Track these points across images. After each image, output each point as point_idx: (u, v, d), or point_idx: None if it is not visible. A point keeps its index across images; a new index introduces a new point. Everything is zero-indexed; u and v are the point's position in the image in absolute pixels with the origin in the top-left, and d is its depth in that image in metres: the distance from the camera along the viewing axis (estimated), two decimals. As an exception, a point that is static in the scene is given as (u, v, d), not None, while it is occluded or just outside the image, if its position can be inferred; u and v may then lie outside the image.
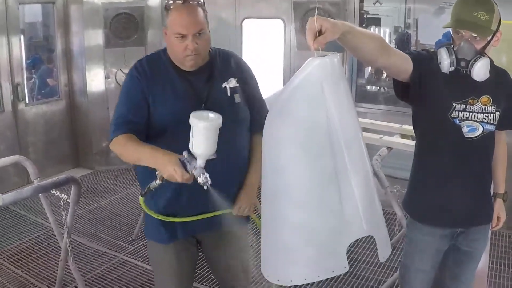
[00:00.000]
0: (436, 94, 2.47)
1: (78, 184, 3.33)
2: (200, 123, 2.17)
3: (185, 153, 2.22)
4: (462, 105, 2.46)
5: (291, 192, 1.81)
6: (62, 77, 6.77)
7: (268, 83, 5.78)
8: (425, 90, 2.44)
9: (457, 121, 2.46)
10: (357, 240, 1.92)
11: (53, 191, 3.32)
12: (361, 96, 5.88)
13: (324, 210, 1.80)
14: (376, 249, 1.99)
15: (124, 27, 6.57)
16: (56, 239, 3.96)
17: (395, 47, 4.32)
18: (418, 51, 2.56)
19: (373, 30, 5.83)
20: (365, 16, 5.85)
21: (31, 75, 6.93)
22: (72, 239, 4.68)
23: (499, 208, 2.76)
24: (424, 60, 2.46)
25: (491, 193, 2.77)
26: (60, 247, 3.80)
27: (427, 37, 5.22)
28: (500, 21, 2.42)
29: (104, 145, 6.72)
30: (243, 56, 6.35)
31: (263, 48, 6.30)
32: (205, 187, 2.20)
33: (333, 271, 1.88)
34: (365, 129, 4.36)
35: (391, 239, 4.89)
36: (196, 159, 2.21)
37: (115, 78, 6.64)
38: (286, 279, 1.94)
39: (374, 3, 5.92)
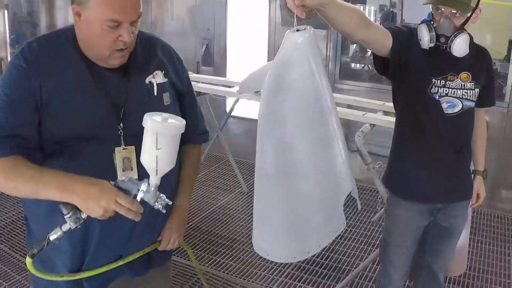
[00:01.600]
0: (416, 69, 2.49)
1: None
2: (166, 127, 1.64)
3: (122, 177, 1.72)
4: (441, 81, 2.50)
5: (297, 166, 1.84)
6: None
7: (253, 59, 5.82)
8: (404, 65, 2.47)
9: (437, 97, 2.49)
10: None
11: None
12: (345, 74, 5.91)
13: (323, 176, 1.87)
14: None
15: (109, 3, 6.49)
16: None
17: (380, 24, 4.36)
18: (399, 27, 2.58)
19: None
20: (350, -7, 5.88)
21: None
22: None
23: (478, 185, 2.81)
24: (404, 36, 2.48)
25: (471, 170, 2.81)
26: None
27: (412, 16, 5.25)
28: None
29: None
30: (227, 33, 6.38)
31: (248, 25, 6.31)
32: (164, 211, 1.72)
33: (336, 231, 1.94)
34: (348, 106, 4.42)
35: (364, 215, 5.05)
36: (147, 178, 1.67)
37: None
38: (302, 253, 1.97)
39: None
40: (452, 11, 2.43)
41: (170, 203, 1.72)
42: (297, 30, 1.81)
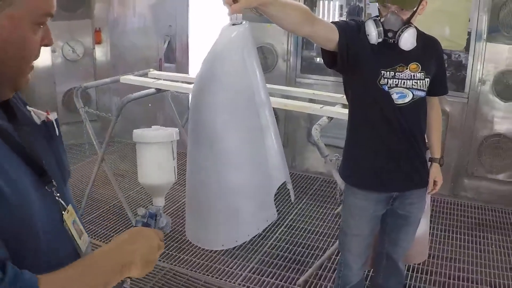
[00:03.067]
0: (364, 62, 2.53)
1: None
2: (176, 134, 1.61)
3: (141, 211, 1.52)
4: (390, 72, 2.53)
5: (228, 157, 1.87)
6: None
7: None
8: (353, 59, 2.50)
9: (386, 88, 2.53)
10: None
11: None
12: (309, 68, 5.94)
13: (255, 167, 1.90)
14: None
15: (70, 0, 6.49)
16: None
17: (346, 19, 4.38)
18: (346, 21, 2.62)
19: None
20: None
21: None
22: None
23: (435, 172, 2.83)
24: (351, 30, 2.52)
25: (427, 158, 2.84)
26: None
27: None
28: None
29: (52, 119, 6.63)
30: (189, 29, 6.35)
31: (210, 21, 6.30)
32: (168, 231, 1.59)
33: (267, 221, 1.97)
34: (309, 100, 4.47)
35: (322, 206, 5.12)
36: (151, 206, 1.58)
37: (62, 52, 6.58)
38: (231, 242, 2.01)
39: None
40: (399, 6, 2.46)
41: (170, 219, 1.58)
42: (233, 25, 1.84)
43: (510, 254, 4.36)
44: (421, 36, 2.59)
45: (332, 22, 2.52)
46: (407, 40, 2.49)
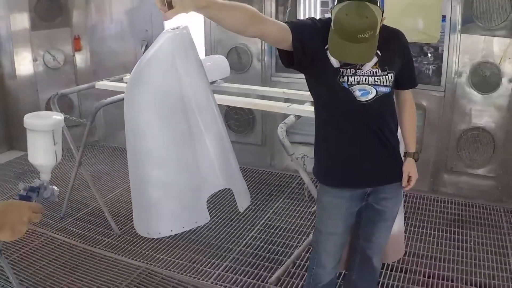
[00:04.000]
0: (322, 61, 2.47)
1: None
2: (59, 122, 1.83)
3: (21, 185, 1.78)
4: (351, 70, 2.48)
5: (150, 153, 1.96)
6: (-11, 61, 6.72)
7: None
8: (309, 58, 2.45)
9: (346, 85, 2.48)
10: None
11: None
12: (283, 67, 5.96)
13: (182, 168, 1.98)
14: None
15: (48, 9, 6.58)
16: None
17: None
18: (302, 20, 2.59)
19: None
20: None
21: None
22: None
23: (409, 167, 2.78)
24: (307, 29, 2.47)
25: (400, 153, 2.79)
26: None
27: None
28: (382, 12, 2.34)
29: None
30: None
31: (185, 23, 6.38)
32: (56, 199, 1.91)
33: (196, 222, 2.06)
34: (286, 100, 4.46)
35: (299, 205, 5.15)
36: (37, 179, 1.82)
37: (43, 61, 6.68)
38: (155, 232, 2.12)
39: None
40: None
41: (57, 189, 1.88)
42: (175, 29, 1.91)
43: (490, 251, 4.29)
44: (383, 30, 2.45)
45: (285, 22, 2.47)
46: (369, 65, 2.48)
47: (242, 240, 4.51)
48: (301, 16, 5.91)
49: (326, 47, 2.42)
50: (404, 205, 4.34)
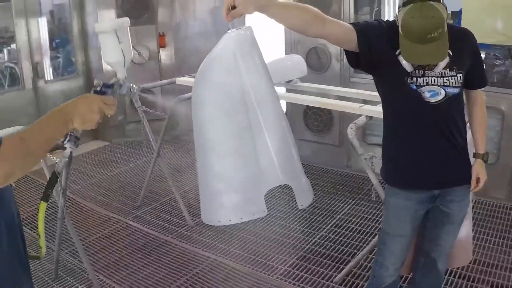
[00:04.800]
0: (390, 62, 2.47)
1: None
2: (119, 23, 2.07)
3: (96, 82, 1.87)
4: (419, 71, 2.46)
5: (213, 145, 2.10)
6: (79, 56, 7.16)
7: (272, 51, 5.91)
8: (376, 59, 2.46)
9: (414, 86, 2.47)
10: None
11: (49, 155, 3.50)
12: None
13: (241, 161, 2.08)
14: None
15: (134, 6, 6.86)
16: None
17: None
18: (367, 21, 2.58)
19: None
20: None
21: (57, 54, 7.34)
22: (83, 204, 5.14)
23: (478, 168, 2.72)
24: (373, 31, 2.47)
25: (468, 154, 2.73)
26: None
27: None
28: (446, 8, 2.34)
29: (119, 118, 7.11)
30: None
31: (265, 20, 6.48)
32: (136, 96, 2.02)
33: (253, 214, 2.15)
34: (364, 101, 4.41)
35: (370, 206, 5.11)
36: (114, 78, 1.96)
37: (129, 56, 6.94)
38: (215, 220, 2.25)
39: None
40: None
41: (136, 86, 1.96)
42: (236, 30, 2.03)
43: None
44: (451, 30, 2.40)
45: (351, 24, 2.47)
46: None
47: (311, 238, 4.55)
48: (386, 17, 5.86)
49: (397, 52, 2.42)
50: (474, 211, 4.25)
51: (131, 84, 2.09)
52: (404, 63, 2.43)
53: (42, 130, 1.65)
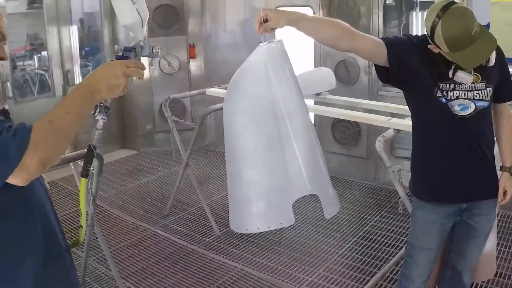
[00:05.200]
0: (419, 76, 2.50)
1: (99, 157, 3.57)
2: None
3: (116, 47, 1.94)
4: (450, 84, 2.48)
5: (243, 154, 2.15)
6: (110, 65, 7.23)
7: (301, 64, 5.95)
8: (406, 73, 2.49)
9: (443, 100, 2.48)
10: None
11: (79, 162, 3.55)
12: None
13: (270, 169, 2.13)
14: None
15: (165, 17, 6.97)
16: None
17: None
18: (396, 36, 2.62)
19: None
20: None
21: (87, 62, 7.45)
22: (111, 212, 5.17)
23: (505, 181, 2.72)
24: (402, 46, 2.51)
25: (495, 167, 2.74)
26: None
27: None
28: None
29: (148, 128, 7.21)
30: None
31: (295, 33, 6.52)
32: (158, 56, 2.03)
33: (281, 223, 2.19)
34: (392, 114, 4.43)
35: (397, 219, 5.09)
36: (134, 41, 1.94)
37: (159, 66, 7.08)
38: (243, 228, 2.30)
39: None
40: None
41: (159, 47, 2.01)
42: (267, 43, 2.08)
43: None
44: None
45: (381, 38, 2.52)
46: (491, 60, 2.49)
47: (338, 250, 4.56)
48: (414, 31, 5.87)
49: (450, 74, 2.43)
50: (498, 225, 4.21)
51: (152, 45, 2.06)
52: (461, 77, 2.42)
53: (70, 108, 1.63)
